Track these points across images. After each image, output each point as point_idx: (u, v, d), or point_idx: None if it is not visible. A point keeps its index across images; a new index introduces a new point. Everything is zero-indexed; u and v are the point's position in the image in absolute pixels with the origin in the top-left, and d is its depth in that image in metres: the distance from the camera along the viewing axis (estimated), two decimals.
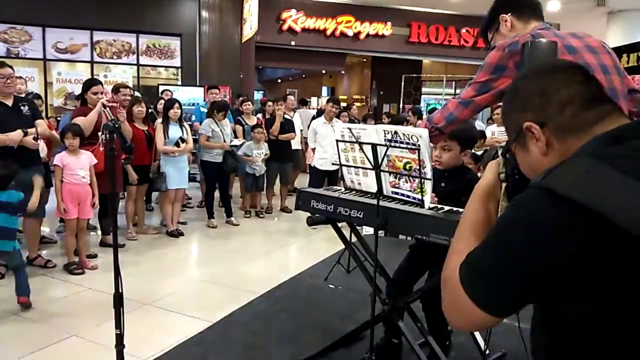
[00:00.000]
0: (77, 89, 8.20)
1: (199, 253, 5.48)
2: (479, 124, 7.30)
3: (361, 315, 3.33)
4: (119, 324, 2.06)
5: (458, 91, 19.12)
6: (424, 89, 18.32)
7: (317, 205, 2.54)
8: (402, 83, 15.47)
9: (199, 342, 3.14)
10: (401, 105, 15.90)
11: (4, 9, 9.72)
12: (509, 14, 1.97)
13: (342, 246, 3.86)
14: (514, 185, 1.06)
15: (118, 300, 2.01)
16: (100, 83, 4.97)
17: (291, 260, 5.35)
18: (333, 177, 6.62)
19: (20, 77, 5.08)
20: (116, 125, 1.93)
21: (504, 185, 1.08)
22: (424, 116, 9.15)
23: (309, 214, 2.66)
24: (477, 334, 2.66)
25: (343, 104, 10.90)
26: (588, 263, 0.76)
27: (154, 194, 6.70)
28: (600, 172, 0.79)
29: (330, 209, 2.47)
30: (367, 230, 4.43)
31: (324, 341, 2.96)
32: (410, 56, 14.46)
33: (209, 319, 3.45)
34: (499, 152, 1.11)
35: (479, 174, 4.50)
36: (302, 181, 8.57)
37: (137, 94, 6.99)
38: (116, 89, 5.54)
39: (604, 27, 11.56)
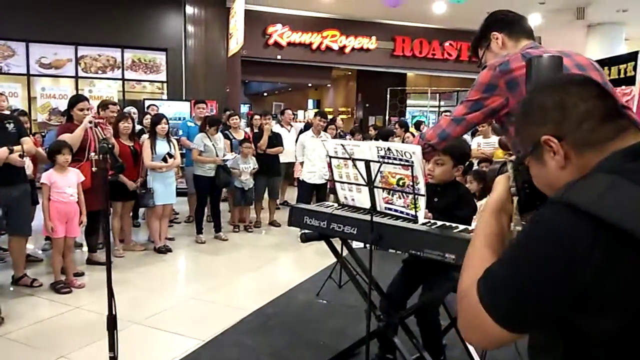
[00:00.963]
0: (62, 105, 8.13)
1: (188, 269, 5.42)
2: (465, 137, 7.39)
3: (354, 331, 3.32)
4: (112, 347, 2.03)
5: (442, 103, 19.42)
6: (408, 101, 18.52)
7: (310, 222, 2.54)
8: (388, 96, 15.61)
9: None
10: (387, 118, 16.04)
11: None
12: (500, 32, 2.01)
13: (333, 260, 3.85)
14: (525, 199, 1.05)
15: (112, 323, 1.97)
16: (87, 99, 4.94)
17: (281, 275, 5.31)
18: (321, 190, 6.63)
19: (2, 94, 5.01)
20: (109, 146, 1.92)
21: (515, 199, 1.06)
22: (411, 129, 9.25)
23: (299, 229, 2.67)
24: (471, 349, 2.66)
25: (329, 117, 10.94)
26: (611, 279, 0.76)
27: (141, 210, 6.63)
28: (622, 187, 0.79)
29: (324, 225, 2.47)
30: (357, 244, 4.43)
31: (318, 358, 2.94)
32: (394, 69, 14.60)
33: (200, 337, 3.40)
34: (509, 166, 1.10)
35: (467, 185, 4.54)
36: (292, 194, 8.57)
37: (133, 110, 6.98)
38: (104, 105, 5.51)
39: (584, 40, 11.80)
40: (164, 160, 5.46)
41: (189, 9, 10.88)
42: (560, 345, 0.87)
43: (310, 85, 19.77)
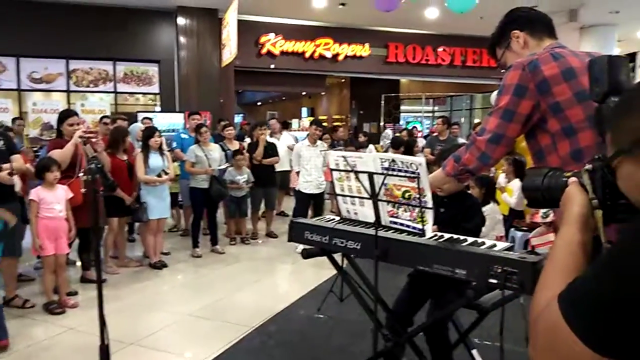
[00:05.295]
0: (54, 119, 8.03)
1: (185, 285, 5.29)
2: (462, 141, 7.31)
3: (359, 348, 3.21)
4: None
5: (436, 108, 19.43)
6: (402, 107, 18.51)
7: (311, 237, 2.43)
8: (382, 102, 15.57)
9: None
10: (382, 124, 16.00)
11: None
12: (522, 30, 1.88)
13: (332, 271, 3.71)
14: (609, 212, 0.94)
15: (104, 353, 1.86)
16: (76, 114, 4.85)
17: (280, 288, 5.20)
18: (318, 200, 6.53)
19: None
20: (98, 166, 1.81)
21: (598, 212, 0.95)
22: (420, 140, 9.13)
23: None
24: None
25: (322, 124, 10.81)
26: None
27: (136, 225, 6.51)
28: None
29: (325, 240, 2.36)
30: None
31: None
32: (388, 76, 14.57)
33: (200, 357, 3.29)
34: (584, 176, 0.98)
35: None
36: (288, 204, 8.46)
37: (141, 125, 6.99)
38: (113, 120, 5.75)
39: (577, 42, 11.81)
40: (159, 176, 5.37)
41: (181, 20, 10.81)
42: None
43: (304, 93, 19.74)
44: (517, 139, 1.85)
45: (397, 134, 10.51)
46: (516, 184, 5.09)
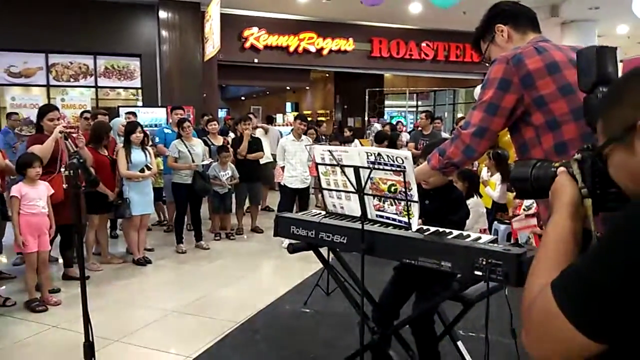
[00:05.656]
0: (33, 114, 7.90)
1: (169, 281, 5.24)
2: (445, 136, 7.35)
3: (345, 342, 3.22)
4: None
5: (420, 103, 19.51)
6: (386, 102, 18.56)
7: (297, 231, 2.43)
8: (366, 97, 15.59)
9: None
10: (366, 119, 16.03)
11: None
12: (506, 24, 1.89)
13: (318, 265, 3.74)
14: (598, 201, 0.96)
15: (89, 350, 1.83)
16: (57, 109, 4.77)
17: (266, 283, 5.19)
18: (304, 195, 6.53)
19: None
20: (80, 161, 1.78)
21: (588, 201, 0.97)
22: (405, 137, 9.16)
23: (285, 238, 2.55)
24: (467, 356, 2.59)
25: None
26: None
27: (119, 221, 6.44)
28: None
29: (312, 234, 2.36)
30: None
31: None
32: (372, 71, 14.59)
33: (185, 354, 3.27)
34: (574, 166, 0.99)
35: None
36: (273, 199, 8.44)
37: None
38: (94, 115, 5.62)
39: (559, 37, 11.96)
40: (142, 171, 5.31)
41: (163, 14, 10.68)
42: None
43: (288, 88, 19.67)
44: (500, 133, 1.87)
45: (381, 129, 10.56)
46: (498, 177, 5.14)
